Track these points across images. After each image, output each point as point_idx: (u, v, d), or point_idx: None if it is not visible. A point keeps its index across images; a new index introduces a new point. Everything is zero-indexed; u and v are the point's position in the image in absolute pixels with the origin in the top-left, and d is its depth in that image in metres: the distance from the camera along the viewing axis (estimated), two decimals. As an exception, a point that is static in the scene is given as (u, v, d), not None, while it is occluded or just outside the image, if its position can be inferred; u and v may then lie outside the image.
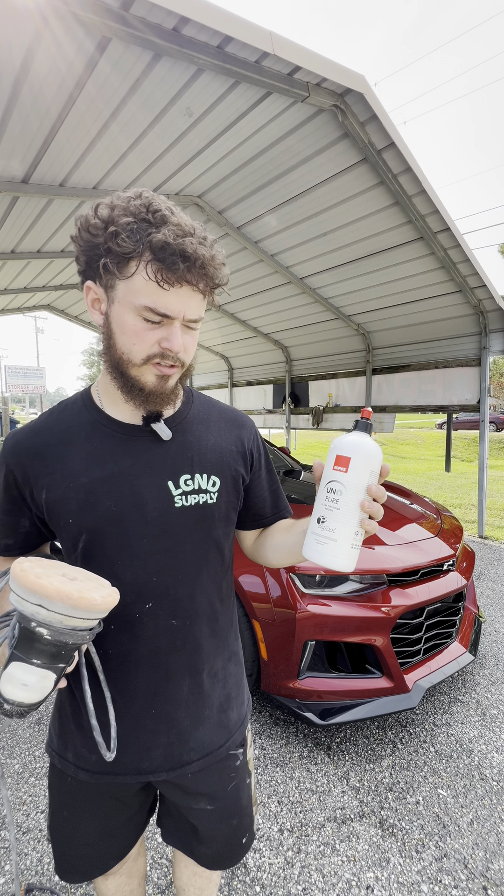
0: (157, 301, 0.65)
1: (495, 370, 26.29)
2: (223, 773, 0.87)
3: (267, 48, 2.37)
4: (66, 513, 0.73)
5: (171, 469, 0.77)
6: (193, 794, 0.86)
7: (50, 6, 1.99)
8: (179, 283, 0.65)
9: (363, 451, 0.66)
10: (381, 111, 2.92)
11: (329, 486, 0.67)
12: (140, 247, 0.63)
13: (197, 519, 0.79)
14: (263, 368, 8.14)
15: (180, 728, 0.81)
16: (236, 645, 0.94)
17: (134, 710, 0.78)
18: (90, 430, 0.76)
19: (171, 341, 0.68)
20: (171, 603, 0.78)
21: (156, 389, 0.72)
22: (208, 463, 0.81)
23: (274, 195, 3.99)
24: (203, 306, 0.72)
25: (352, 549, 0.67)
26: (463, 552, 2.61)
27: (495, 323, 4.80)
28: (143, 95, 2.72)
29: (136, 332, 0.67)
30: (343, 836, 1.61)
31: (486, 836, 1.61)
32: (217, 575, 0.85)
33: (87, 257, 0.68)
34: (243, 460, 0.87)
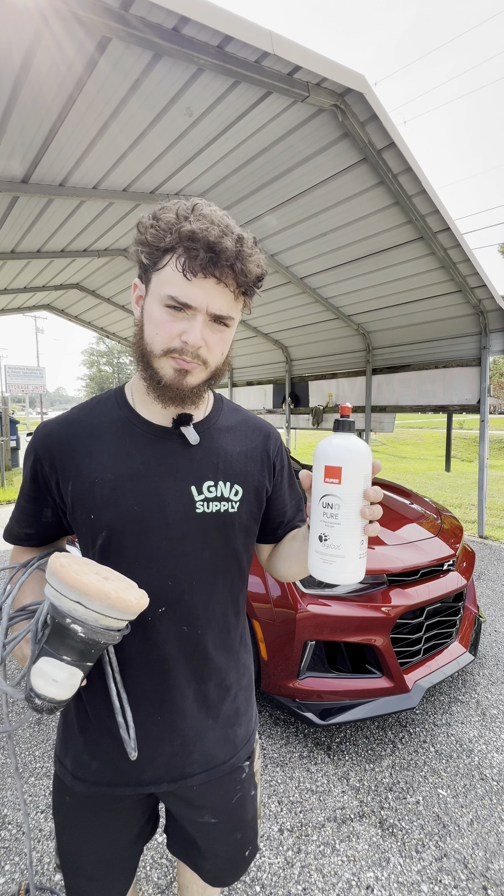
0: (179, 290, 0.65)
1: (495, 370, 26.31)
2: (228, 785, 0.85)
3: (267, 48, 2.37)
4: (89, 507, 0.73)
5: (196, 474, 0.76)
6: (198, 806, 0.84)
7: (50, 6, 1.99)
8: (204, 275, 0.64)
9: (353, 456, 0.62)
10: (381, 111, 2.92)
11: (324, 500, 0.63)
12: (170, 238, 0.64)
13: (217, 526, 0.78)
14: (263, 368, 8.15)
15: (185, 739, 0.79)
16: (248, 660, 0.92)
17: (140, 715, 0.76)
18: (120, 427, 0.76)
19: (190, 334, 0.67)
20: (184, 609, 0.76)
21: (172, 383, 0.71)
22: (232, 471, 0.80)
23: (274, 195, 3.99)
24: (234, 307, 0.70)
25: (360, 559, 0.64)
26: (463, 552, 2.61)
27: (495, 323, 4.80)
28: (143, 95, 2.72)
29: (159, 323, 0.68)
30: (343, 836, 1.61)
31: (486, 836, 1.61)
32: (234, 586, 0.83)
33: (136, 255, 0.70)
34: (268, 471, 0.86)
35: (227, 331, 0.73)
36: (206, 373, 0.73)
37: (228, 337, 0.74)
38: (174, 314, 0.67)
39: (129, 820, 0.84)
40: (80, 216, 4.35)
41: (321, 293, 5.53)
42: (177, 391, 0.72)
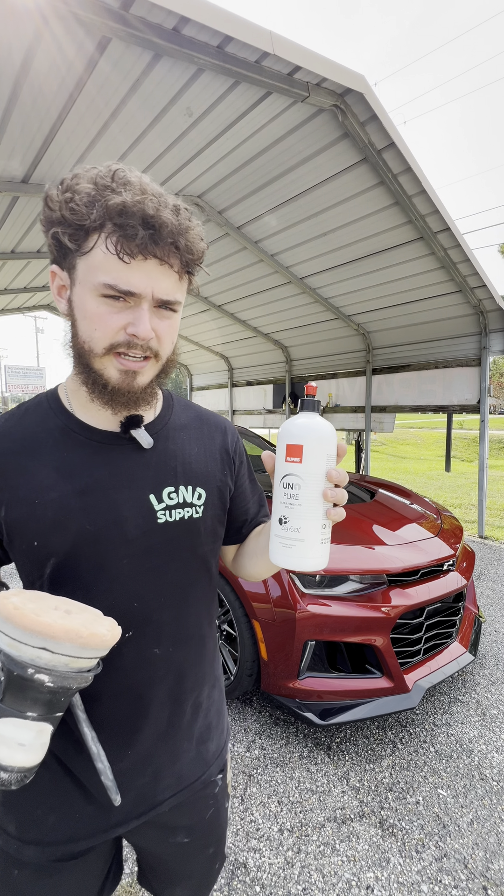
0: (117, 277, 0.56)
1: (495, 370, 26.31)
2: (202, 802, 0.80)
3: (267, 48, 2.37)
4: (31, 534, 0.64)
5: (154, 481, 0.69)
6: (170, 827, 0.78)
7: (50, 6, 1.99)
8: (144, 256, 0.56)
9: (316, 435, 0.59)
10: (381, 111, 2.92)
11: (285, 480, 0.60)
12: (98, 215, 0.55)
13: (182, 535, 0.71)
14: (263, 368, 8.14)
15: (157, 766, 0.73)
16: (218, 670, 0.87)
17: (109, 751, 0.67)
18: (60, 438, 0.67)
19: (138, 326, 0.59)
20: (154, 629, 0.70)
21: (120, 386, 0.63)
22: (193, 474, 0.74)
23: (274, 195, 3.99)
24: (179, 288, 0.62)
25: (321, 544, 0.61)
26: (463, 552, 2.61)
27: (495, 323, 4.80)
28: (143, 95, 2.72)
29: (97, 316, 0.59)
30: (343, 836, 1.61)
31: (486, 836, 1.61)
32: (205, 595, 0.78)
33: (49, 236, 0.59)
34: (229, 469, 0.81)
35: (175, 317, 0.65)
36: (157, 367, 0.66)
37: (176, 324, 0.66)
38: (113, 304, 0.58)
39: (92, 872, 0.74)
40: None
41: (321, 293, 5.53)
42: (128, 395, 0.64)
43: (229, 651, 2.25)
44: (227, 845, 1.55)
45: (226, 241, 4.92)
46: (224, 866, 1.50)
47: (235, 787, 1.81)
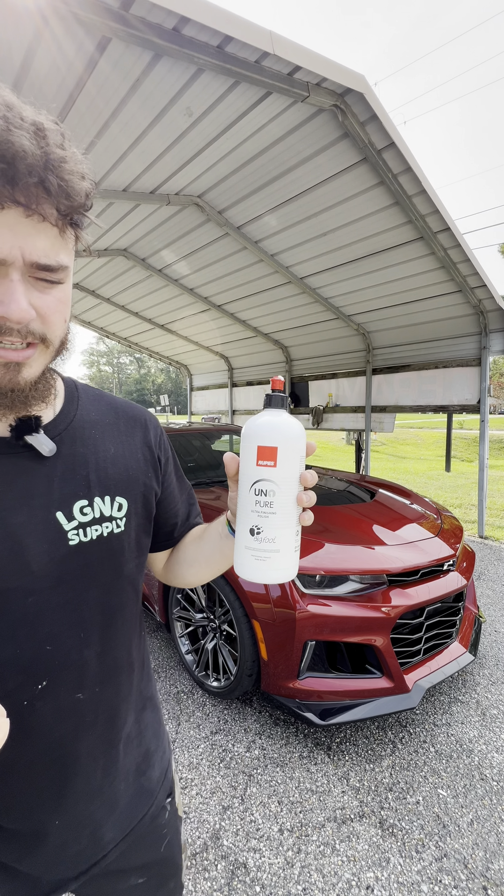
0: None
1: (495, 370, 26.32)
2: (153, 835, 0.70)
3: (267, 48, 2.37)
4: None
5: (61, 495, 0.56)
6: (122, 872, 0.68)
7: (50, 6, 1.99)
8: (1, 204, 0.40)
9: (289, 435, 0.54)
10: (381, 111, 2.92)
11: (257, 487, 0.54)
12: None
13: (102, 556, 0.59)
14: (263, 368, 8.14)
15: (94, 825, 0.62)
16: (152, 688, 0.76)
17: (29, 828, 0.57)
18: None
19: (8, 304, 0.43)
20: (75, 673, 0.58)
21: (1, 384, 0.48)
22: (111, 481, 0.61)
23: (274, 195, 3.99)
24: (63, 247, 0.47)
25: (294, 552, 0.57)
26: (463, 552, 2.61)
27: (495, 323, 4.80)
28: (143, 95, 2.72)
29: None
30: (343, 836, 1.61)
31: (486, 836, 1.61)
32: (133, 618, 0.67)
33: None
34: (153, 469, 0.69)
35: (63, 288, 0.49)
36: (48, 355, 0.51)
37: (66, 296, 0.50)
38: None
39: None
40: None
41: (321, 293, 5.53)
42: (12, 393, 0.49)
43: (229, 651, 2.25)
44: (227, 845, 1.56)
45: (226, 241, 4.92)
46: (224, 866, 1.50)
47: (235, 787, 1.81)
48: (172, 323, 7.89)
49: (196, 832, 1.62)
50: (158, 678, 2.52)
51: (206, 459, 3.74)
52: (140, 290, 6.73)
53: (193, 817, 1.68)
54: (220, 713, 2.24)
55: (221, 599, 2.24)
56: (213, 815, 1.69)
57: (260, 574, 0.56)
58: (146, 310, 7.53)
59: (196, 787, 1.81)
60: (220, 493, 2.85)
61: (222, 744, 2.04)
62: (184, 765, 1.92)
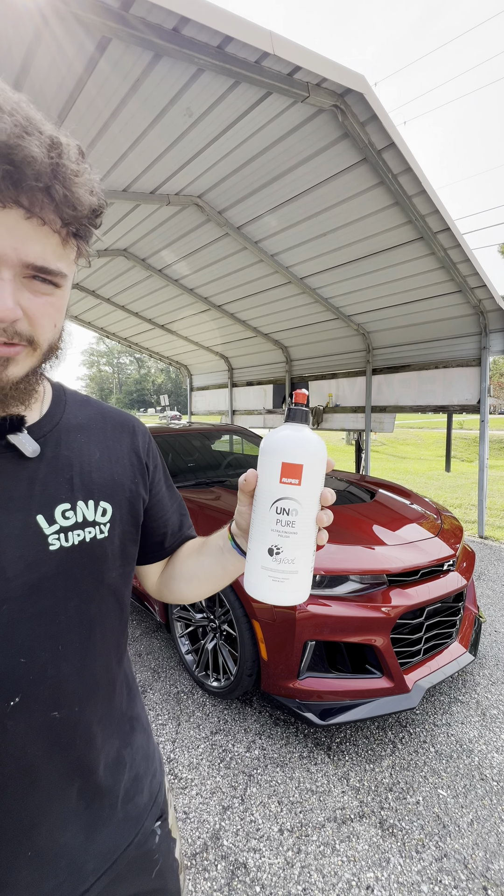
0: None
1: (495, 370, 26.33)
2: (142, 863, 0.65)
3: (267, 48, 2.37)
4: None
5: (43, 498, 0.55)
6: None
7: (50, 6, 1.99)
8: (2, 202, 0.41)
9: (314, 453, 0.53)
10: (381, 111, 2.93)
11: (279, 505, 0.52)
12: None
13: (83, 563, 0.57)
14: (263, 368, 8.15)
15: (72, 856, 0.57)
16: (138, 707, 0.71)
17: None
18: None
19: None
20: (50, 689, 0.54)
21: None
22: (95, 485, 0.60)
23: (274, 195, 3.99)
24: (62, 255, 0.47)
25: (310, 573, 0.55)
26: (463, 552, 2.61)
27: (495, 323, 4.80)
28: (143, 95, 2.73)
29: None
30: (343, 836, 1.61)
31: (486, 836, 1.61)
32: (115, 632, 0.63)
33: None
34: (141, 476, 0.68)
35: (58, 293, 0.49)
36: (36, 357, 0.50)
37: (61, 302, 0.50)
38: None
39: None
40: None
41: (321, 293, 5.53)
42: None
43: (229, 651, 2.25)
44: (227, 845, 1.56)
45: (226, 241, 4.92)
46: (224, 866, 1.50)
47: (235, 788, 1.81)
48: (172, 323, 7.89)
49: (196, 832, 1.62)
50: (158, 678, 2.52)
51: (206, 459, 3.74)
52: (140, 291, 6.74)
53: (193, 817, 1.68)
54: (220, 713, 2.24)
55: (221, 599, 2.24)
56: (213, 815, 1.69)
57: (274, 595, 0.54)
58: (146, 310, 7.53)
59: (196, 787, 1.81)
60: (220, 493, 2.85)
61: (222, 744, 2.04)
62: (184, 765, 1.92)
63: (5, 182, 0.40)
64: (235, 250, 5.05)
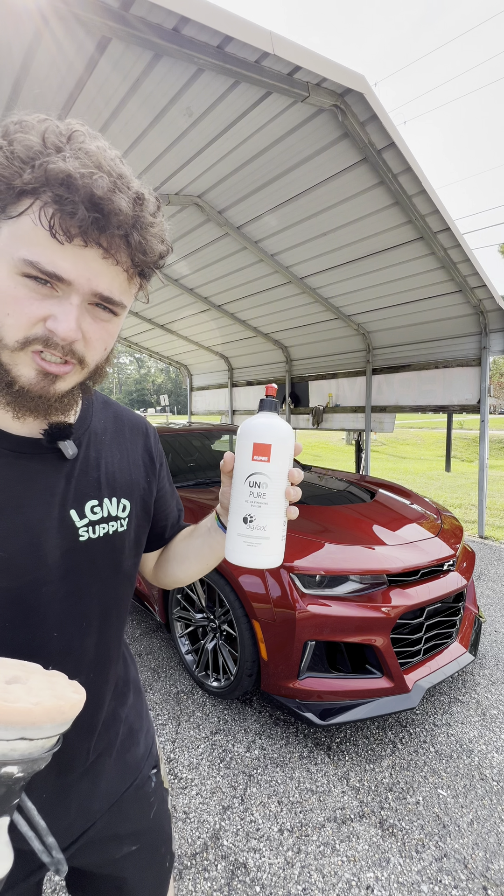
0: (45, 256, 0.45)
1: (495, 370, 26.32)
2: (141, 802, 0.74)
3: (267, 48, 2.37)
4: None
5: (76, 494, 0.61)
6: (114, 840, 0.71)
7: (50, 6, 1.99)
8: (84, 241, 0.46)
9: (282, 434, 0.61)
10: (381, 111, 2.92)
11: (252, 479, 0.60)
12: (34, 178, 0.44)
13: (106, 552, 0.64)
14: (263, 368, 8.15)
15: (80, 799, 0.66)
16: (132, 671, 0.80)
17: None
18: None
19: (60, 320, 0.48)
20: (74, 659, 0.62)
21: (31, 388, 0.51)
22: (117, 484, 0.66)
23: (274, 195, 3.99)
24: (126, 290, 0.53)
25: (281, 541, 0.63)
26: (463, 552, 2.61)
27: (495, 323, 4.80)
28: (143, 95, 2.73)
29: (13, 299, 0.47)
30: (343, 836, 1.61)
31: (486, 836, 1.61)
32: (125, 611, 0.72)
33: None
34: (152, 475, 0.75)
35: (115, 321, 0.54)
36: (82, 375, 0.55)
37: (115, 329, 0.55)
38: (36, 289, 0.47)
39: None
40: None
41: (321, 293, 5.53)
42: (39, 400, 0.53)
43: (229, 651, 2.25)
44: (227, 845, 1.56)
45: (226, 241, 4.92)
46: (224, 866, 1.50)
47: (235, 788, 1.81)
48: (172, 323, 7.89)
49: (196, 832, 1.62)
50: (158, 678, 2.52)
51: (206, 459, 3.74)
52: (140, 290, 6.73)
53: (193, 817, 1.68)
54: (220, 713, 2.24)
55: (221, 599, 2.24)
56: (213, 815, 1.69)
57: (250, 559, 0.61)
58: (146, 310, 7.53)
59: (196, 787, 1.81)
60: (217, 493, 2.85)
61: (222, 744, 2.04)
62: (184, 765, 1.92)
63: (93, 227, 0.46)
64: (235, 250, 5.05)
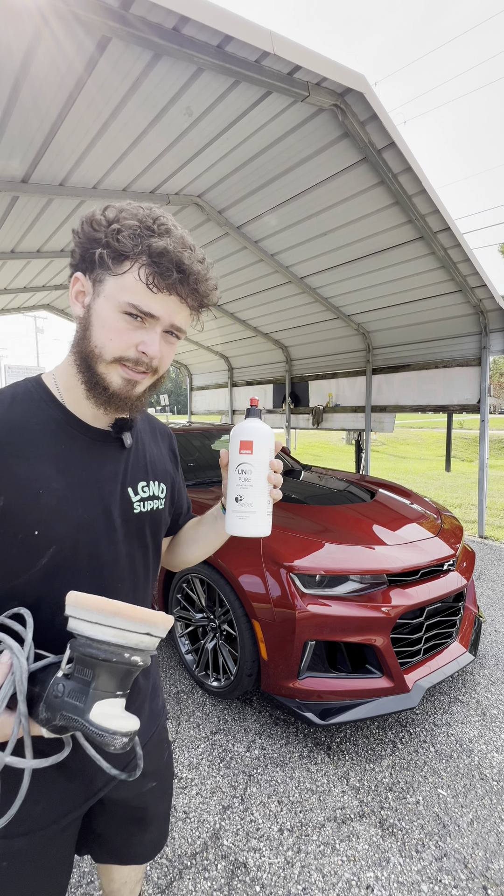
0: (142, 300, 0.65)
1: (495, 370, 26.31)
2: (159, 747, 0.94)
3: (267, 48, 2.37)
4: (32, 522, 0.65)
5: (132, 476, 0.79)
6: (141, 777, 0.86)
7: (50, 6, 1.99)
8: (168, 292, 0.66)
9: (261, 434, 0.77)
10: (381, 111, 2.92)
11: (239, 468, 0.76)
12: (138, 248, 0.64)
13: (149, 524, 0.82)
14: (263, 368, 8.15)
15: None
16: None
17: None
18: (56, 430, 0.71)
19: (149, 345, 0.67)
20: None
21: (120, 392, 0.69)
22: (158, 470, 0.86)
23: (274, 195, 3.99)
24: (187, 322, 0.73)
25: (267, 515, 0.78)
26: (463, 552, 2.61)
27: (495, 323, 4.80)
28: (143, 95, 2.72)
29: (116, 329, 0.66)
30: (343, 836, 1.61)
31: (486, 835, 1.61)
32: (153, 577, 0.87)
33: (84, 250, 0.68)
34: (175, 470, 0.94)
35: (176, 343, 0.74)
36: (152, 381, 0.73)
37: (176, 347, 0.75)
38: (131, 322, 0.66)
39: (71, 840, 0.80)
40: (80, 216, 4.34)
41: (321, 293, 5.53)
42: (124, 400, 0.71)
43: (229, 651, 2.25)
44: (227, 845, 1.57)
45: (226, 241, 4.92)
46: (224, 866, 1.50)
47: (235, 787, 1.81)
48: (172, 323, 7.88)
49: (196, 832, 1.62)
50: (158, 678, 2.52)
51: (206, 459, 3.73)
52: (140, 290, 6.73)
53: (193, 817, 1.68)
54: (220, 713, 2.24)
55: (221, 599, 2.24)
56: (213, 814, 1.69)
57: (242, 529, 0.76)
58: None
59: (196, 787, 1.81)
60: (219, 493, 2.85)
61: (222, 744, 2.04)
62: (184, 765, 1.92)
63: (176, 282, 0.66)
64: (235, 250, 5.05)
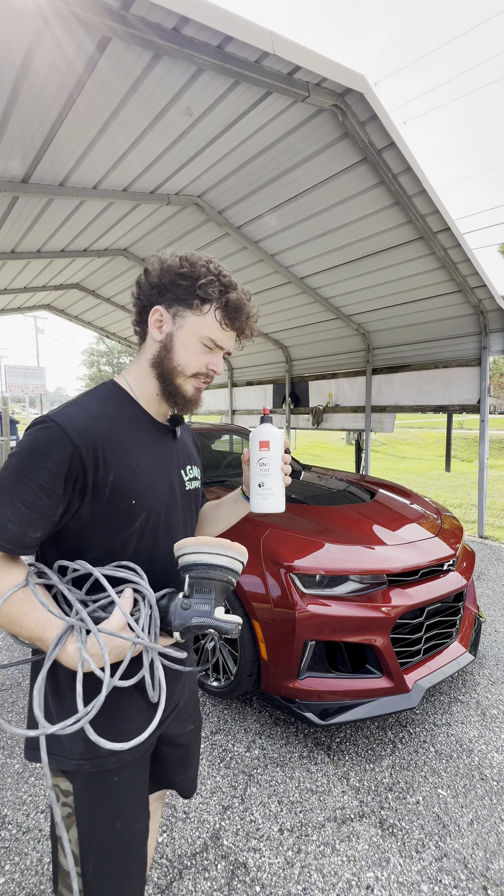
0: (217, 336, 0.90)
1: (495, 370, 26.30)
2: (194, 695, 1.12)
3: (267, 48, 2.37)
4: (131, 494, 0.85)
5: (182, 460, 1.01)
6: (184, 717, 1.05)
7: (50, 6, 1.99)
8: (233, 329, 0.92)
9: (275, 435, 0.98)
10: (381, 111, 2.92)
11: (260, 461, 0.97)
12: (219, 302, 0.89)
13: (194, 500, 1.04)
14: (263, 368, 8.15)
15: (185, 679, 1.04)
16: None
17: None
18: (136, 423, 0.91)
19: (217, 365, 0.93)
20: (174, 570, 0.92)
21: (192, 398, 0.93)
22: (194, 458, 1.08)
23: (274, 195, 3.99)
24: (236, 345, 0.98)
25: (282, 496, 0.98)
26: (463, 552, 2.61)
27: (495, 323, 4.80)
28: (143, 95, 2.72)
29: (195, 353, 0.90)
30: (343, 836, 1.61)
31: (486, 836, 1.61)
32: None
33: (166, 290, 0.89)
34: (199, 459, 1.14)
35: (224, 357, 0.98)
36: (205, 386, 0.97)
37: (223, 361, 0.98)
38: (205, 349, 0.90)
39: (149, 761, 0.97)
40: (80, 216, 4.34)
41: (321, 293, 5.53)
42: (193, 404, 0.94)
43: (229, 651, 2.25)
44: (227, 845, 1.57)
45: (226, 241, 4.92)
46: (224, 866, 1.50)
47: (235, 787, 1.81)
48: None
49: (196, 832, 1.62)
50: (158, 678, 2.52)
51: (206, 459, 3.73)
52: (140, 290, 6.72)
53: (193, 817, 1.68)
54: (220, 713, 2.24)
55: (221, 599, 2.24)
56: (213, 815, 1.69)
57: (267, 507, 0.97)
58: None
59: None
60: (220, 493, 2.85)
61: (222, 744, 2.04)
62: (184, 765, 1.92)
63: (241, 323, 0.92)
64: (235, 250, 5.05)
